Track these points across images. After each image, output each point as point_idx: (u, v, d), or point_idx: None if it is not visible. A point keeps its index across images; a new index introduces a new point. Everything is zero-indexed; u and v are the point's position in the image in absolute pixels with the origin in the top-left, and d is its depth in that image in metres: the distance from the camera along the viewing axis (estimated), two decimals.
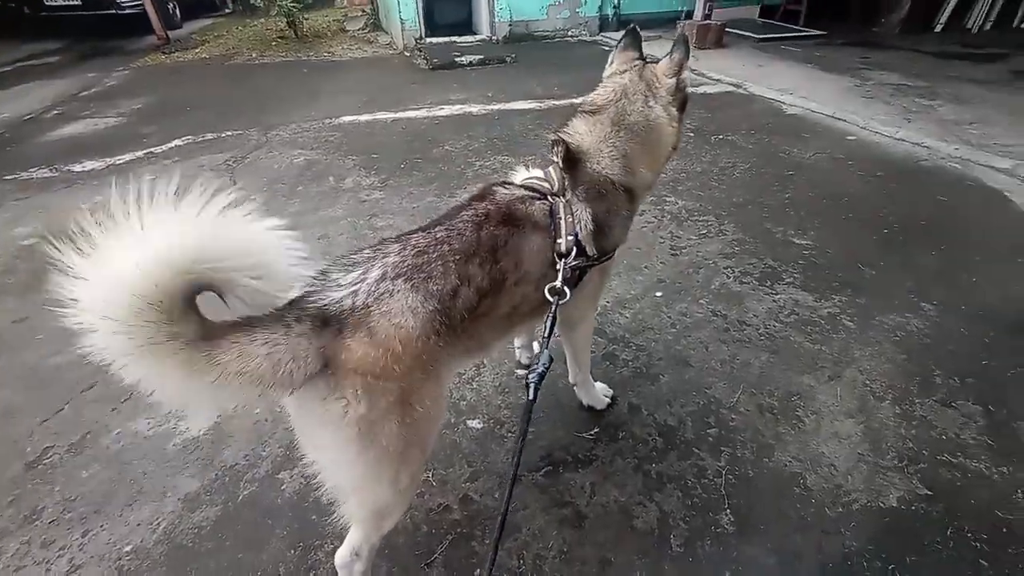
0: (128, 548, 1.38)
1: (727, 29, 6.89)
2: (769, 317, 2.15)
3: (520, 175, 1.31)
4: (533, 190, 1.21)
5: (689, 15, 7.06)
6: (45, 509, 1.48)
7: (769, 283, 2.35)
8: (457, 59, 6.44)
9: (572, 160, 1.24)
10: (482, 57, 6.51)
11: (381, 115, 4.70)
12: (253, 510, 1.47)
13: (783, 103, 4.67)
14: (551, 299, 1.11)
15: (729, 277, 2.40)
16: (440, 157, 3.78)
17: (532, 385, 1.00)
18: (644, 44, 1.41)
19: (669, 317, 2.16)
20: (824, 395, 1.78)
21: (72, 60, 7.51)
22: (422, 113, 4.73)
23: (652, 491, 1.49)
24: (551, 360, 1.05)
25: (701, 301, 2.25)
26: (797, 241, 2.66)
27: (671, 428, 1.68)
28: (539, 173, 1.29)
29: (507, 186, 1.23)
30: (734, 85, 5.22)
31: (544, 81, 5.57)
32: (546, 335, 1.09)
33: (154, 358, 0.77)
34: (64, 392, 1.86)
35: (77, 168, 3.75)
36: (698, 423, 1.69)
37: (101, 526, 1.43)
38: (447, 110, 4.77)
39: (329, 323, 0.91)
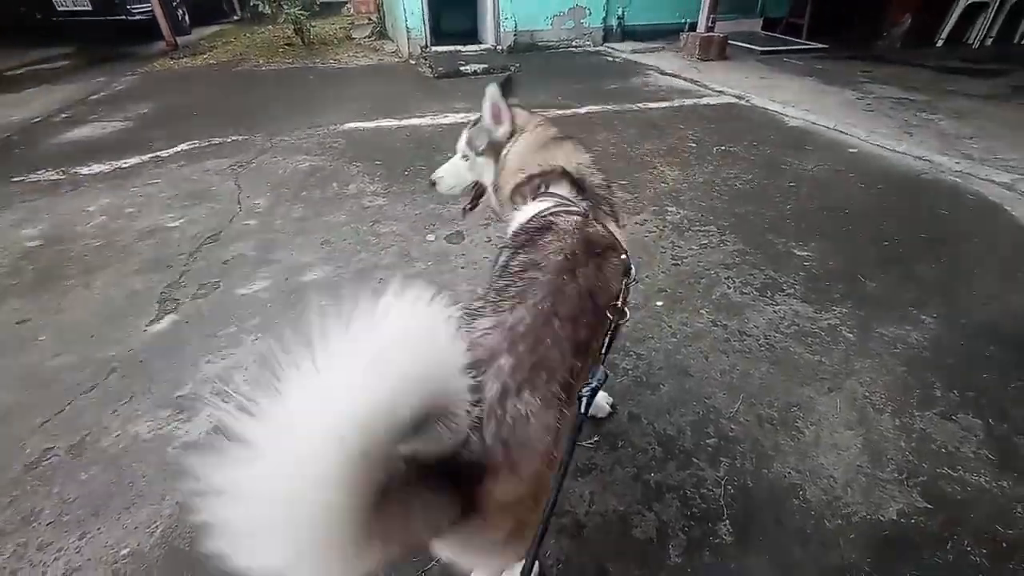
0: (125, 551, 1.38)
1: (730, 41, 6.95)
2: (769, 328, 2.15)
3: (539, 205, 1.22)
4: (572, 209, 1.16)
5: (693, 27, 7.11)
6: (43, 511, 1.48)
7: (770, 294, 2.36)
8: (462, 68, 6.50)
9: (580, 185, 1.25)
10: (487, 66, 6.57)
11: (385, 122, 4.74)
12: None
13: (785, 115, 4.70)
14: (612, 317, 1.05)
15: (730, 287, 2.41)
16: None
17: (585, 399, 0.93)
18: (647, 55, 1.45)
19: (670, 327, 2.17)
20: (824, 407, 1.78)
21: (81, 65, 7.59)
22: (426, 121, 4.76)
23: (651, 501, 1.49)
24: (606, 376, 0.98)
25: (702, 311, 2.26)
26: (798, 252, 2.67)
27: (671, 438, 1.68)
28: (550, 202, 1.21)
29: (563, 213, 1.13)
30: (737, 97, 5.25)
31: (548, 90, 5.59)
32: (604, 352, 1.04)
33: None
34: (64, 394, 1.87)
35: (84, 171, 3.78)
36: (697, 433, 1.69)
37: (99, 529, 1.43)
38: (451, 118, 4.80)
39: (466, 469, 0.76)
